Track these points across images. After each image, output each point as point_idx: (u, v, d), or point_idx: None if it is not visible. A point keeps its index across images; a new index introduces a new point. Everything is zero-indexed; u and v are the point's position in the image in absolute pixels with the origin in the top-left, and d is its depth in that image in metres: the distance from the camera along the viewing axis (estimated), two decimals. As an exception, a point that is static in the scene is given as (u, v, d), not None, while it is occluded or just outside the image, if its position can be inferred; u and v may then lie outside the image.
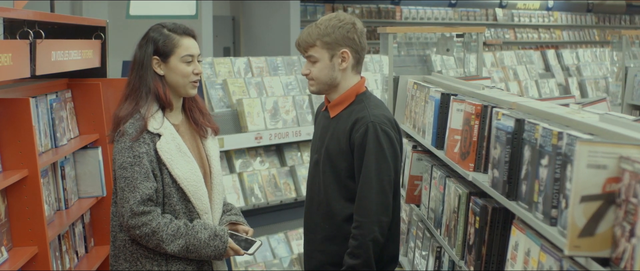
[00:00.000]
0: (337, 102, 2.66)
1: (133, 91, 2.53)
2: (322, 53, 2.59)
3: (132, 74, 2.55)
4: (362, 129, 2.55)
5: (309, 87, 2.70)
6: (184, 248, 2.45)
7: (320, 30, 2.58)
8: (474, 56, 5.51)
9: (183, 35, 2.55)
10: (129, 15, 7.28)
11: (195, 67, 2.55)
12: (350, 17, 2.64)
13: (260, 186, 5.48)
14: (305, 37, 2.61)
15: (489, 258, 2.41)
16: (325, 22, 2.60)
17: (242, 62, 5.91)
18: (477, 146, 2.60)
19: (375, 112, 2.58)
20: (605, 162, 1.62)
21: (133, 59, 2.56)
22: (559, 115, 2.12)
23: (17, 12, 2.64)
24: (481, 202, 2.46)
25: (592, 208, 1.63)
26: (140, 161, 2.43)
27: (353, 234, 2.55)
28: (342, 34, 2.58)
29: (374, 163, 2.53)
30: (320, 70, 2.61)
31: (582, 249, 1.65)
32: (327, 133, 2.66)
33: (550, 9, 17.12)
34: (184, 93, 2.58)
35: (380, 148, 2.54)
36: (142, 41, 2.56)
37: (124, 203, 2.44)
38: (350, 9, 13.30)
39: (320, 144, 2.68)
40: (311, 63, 2.62)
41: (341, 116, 2.64)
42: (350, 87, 2.65)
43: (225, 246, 2.50)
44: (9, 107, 2.59)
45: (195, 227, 2.48)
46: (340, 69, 2.61)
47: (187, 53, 2.54)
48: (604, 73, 9.46)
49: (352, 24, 2.61)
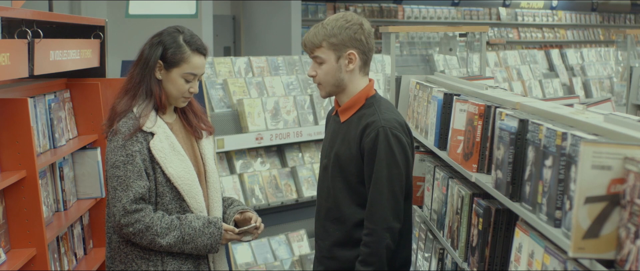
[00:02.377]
0: (347, 106, 2.63)
1: (133, 86, 2.53)
2: (329, 54, 2.56)
3: (136, 69, 2.53)
4: (372, 134, 2.51)
5: (320, 93, 2.66)
6: (180, 239, 2.44)
7: (326, 31, 2.55)
8: (477, 55, 5.49)
9: (195, 52, 2.52)
10: (128, 15, 7.26)
11: (192, 86, 2.54)
12: (358, 17, 2.60)
13: (261, 187, 5.46)
14: (311, 38, 2.57)
15: (492, 260, 2.40)
16: (332, 23, 2.56)
17: (243, 62, 5.89)
18: (481, 147, 2.59)
19: (387, 117, 2.55)
20: (610, 163, 1.61)
21: (140, 53, 2.54)
22: (563, 115, 2.11)
23: (15, 11, 2.63)
24: (484, 203, 2.45)
25: (597, 210, 1.62)
26: (133, 159, 2.43)
27: (364, 241, 2.52)
28: (348, 35, 2.55)
29: (385, 168, 2.50)
30: (327, 72, 2.57)
31: (586, 251, 1.64)
32: (337, 138, 2.63)
33: (554, 8, 17.10)
34: (174, 104, 2.58)
35: (392, 154, 2.51)
36: (154, 39, 2.53)
37: (116, 202, 2.42)
38: (352, 8, 13.27)
39: (330, 149, 2.65)
40: (317, 64, 2.59)
41: (352, 120, 2.61)
42: (359, 90, 2.62)
43: (220, 232, 2.49)
44: (7, 107, 2.59)
45: (188, 218, 2.48)
46: (347, 70, 2.58)
47: (191, 72, 2.52)
48: (608, 73, 9.43)
49: (360, 24, 2.58)
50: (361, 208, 2.57)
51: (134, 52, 2.59)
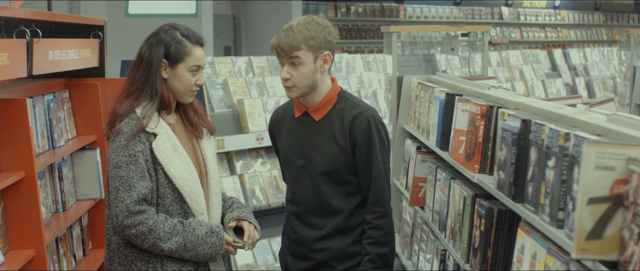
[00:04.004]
0: (320, 105, 2.72)
1: (136, 89, 2.51)
2: (308, 56, 2.64)
3: (137, 72, 2.52)
4: (364, 124, 2.67)
5: (289, 94, 2.71)
6: (182, 245, 2.43)
7: (304, 34, 2.62)
8: (479, 55, 5.48)
9: (195, 44, 2.55)
10: (128, 14, 7.26)
11: (199, 78, 2.56)
12: (324, 20, 2.72)
13: (262, 188, 5.44)
14: (289, 41, 2.62)
15: (494, 261, 2.39)
16: (307, 26, 2.63)
17: (243, 62, 5.88)
18: (483, 147, 2.59)
19: (368, 107, 2.73)
20: (613, 163, 1.61)
21: (139, 56, 2.53)
22: (566, 116, 2.11)
23: (13, 10, 2.64)
24: (487, 204, 2.45)
25: (600, 211, 1.62)
26: (136, 160, 2.42)
27: (375, 224, 2.68)
28: (324, 37, 2.66)
29: (381, 155, 2.68)
30: (305, 73, 2.64)
31: (589, 252, 1.64)
32: (314, 136, 2.72)
33: (557, 7, 17.09)
34: (181, 100, 2.59)
35: (382, 141, 2.69)
36: (152, 40, 2.53)
37: (119, 203, 2.41)
38: (353, 8, 13.25)
39: (306, 148, 2.73)
40: (292, 67, 2.64)
41: (330, 116, 2.72)
42: (329, 89, 2.74)
43: (221, 242, 2.52)
44: (6, 107, 2.58)
45: (192, 224, 2.48)
46: (322, 71, 2.69)
47: (196, 64, 2.54)
48: (611, 73, 9.41)
49: (329, 26, 2.71)
50: (351, 197, 2.71)
51: (133, 52, 2.58)
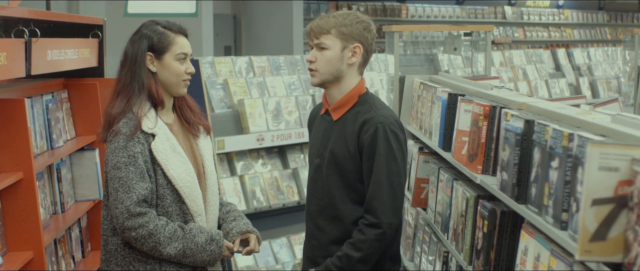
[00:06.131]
0: (339, 104, 2.65)
1: (124, 87, 2.51)
2: (335, 42, 2.58)
3: (123, 70, 2.54)
4: (371, 130, 2.54)
5: (312, 79, 2.67)
6: (181, 251, 2.42)
7: (337, 20, 2.58)
8: (482, 55, 5.45)
9: (178, 33, 2.56)
10: (127, 14, 7.27)
11: (188, 66, 2.56)
12: (368, 17, 2.67)
13: (262, 189, 5.43)
14: (321, 23, 2.60)
15: (497, 263, 2.38)
16: (344, 15, 2.61)
17: (244, 62, 5.87)
18: (486, 148, 2.58)
19: (383, 113, 2.58)
20: (617, 164, 1.60)
21: (124, 55, 2.55)
22: (569, 116, 2.10)
23: (12, 10, 2.64)
24: (489, 205, 2.44)
25: (604, 212, 1.62)
26: (135, 161, 2.40)
27: (360, 227, 2.55)
28: (358, 29, 2.59)
29: (385, 164, 2.53)
30: (329, 59, 2.59)
31: (593, 254, 1.63)
32: (331, 136, 2.64)
33: (560, 7, 17.08)
34: (175, 92, 2.56)
35: (390, 150, 2.54)
36: (134, 37, 2.55)
37: (118, 204, 2.39)
38: (355, 7, 13.25)
39: (322, 148, 2.66)
40: (319, 51, 2.60)
41: (346, 118, 2.63)
42: (352, 88, 2.64)
43: (220, 250, 2.51)
44: (4, 107, 2.58)
45: (193, 231, 2.46)
46: (348, 63, 2.60)
47: (182, 51, 2.54)
48: (616, 73, 9.39)
49: (369, 23, 2.64)
50: (358, 206, 2.59)
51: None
